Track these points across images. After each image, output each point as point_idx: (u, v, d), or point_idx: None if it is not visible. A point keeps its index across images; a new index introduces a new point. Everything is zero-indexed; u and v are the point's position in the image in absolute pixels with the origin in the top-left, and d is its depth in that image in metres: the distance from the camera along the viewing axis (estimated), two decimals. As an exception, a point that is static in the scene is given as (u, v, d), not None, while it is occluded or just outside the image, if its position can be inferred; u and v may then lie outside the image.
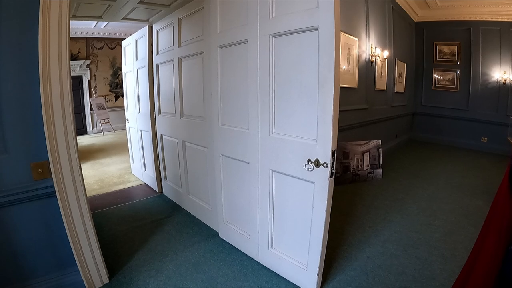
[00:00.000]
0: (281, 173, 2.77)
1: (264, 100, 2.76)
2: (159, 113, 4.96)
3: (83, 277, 2.81)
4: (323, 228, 2.48)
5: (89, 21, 10.52)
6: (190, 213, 4.54)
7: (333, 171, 2.33)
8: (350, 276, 3.06)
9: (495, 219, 1.78)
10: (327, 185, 2.35)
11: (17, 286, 2.59)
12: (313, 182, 2.45)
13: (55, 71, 2.41)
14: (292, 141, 2.58)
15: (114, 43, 13.30)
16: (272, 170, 2.84)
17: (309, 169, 2.42)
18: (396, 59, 8.41)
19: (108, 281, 3.01)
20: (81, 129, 12.80)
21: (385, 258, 3.36)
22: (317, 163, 2.36)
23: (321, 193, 2.41)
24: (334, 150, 2.29)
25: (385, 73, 7.74)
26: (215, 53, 3.28)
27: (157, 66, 4.82)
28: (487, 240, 1.77)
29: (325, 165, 2.31)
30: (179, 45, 4.16)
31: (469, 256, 1.96)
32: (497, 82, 8.61)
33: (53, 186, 2.53)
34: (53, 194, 2.56)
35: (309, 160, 2.41)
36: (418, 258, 3.33)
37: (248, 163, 3.09)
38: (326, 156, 2.31)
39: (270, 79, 2.67)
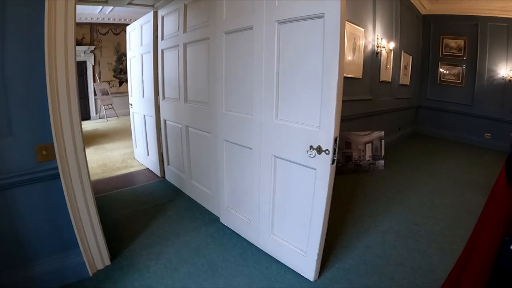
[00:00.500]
0: (283, 159, 2.78)
1: (268, 87, 2.77)
2: (163, 98, 4.97)
3: (85, 259, 2.84)
4: (323, 214, 2.50)
5: (94, 6, 10.48)
6: (192, 198, 4.57)
7: (335, 158, 2.34)
8: (348, 264, 3.09)
9: (492, 210, 1.79)
10: (329, 172, 2.36)
11: (21, 268, 2.62)
12: (315, 169, 2.47)
13: (61, 55, 2.42)
14: (295, 127, 2.60)
15: (118, 29, 13.25)
16: (275, 156, 2.85)
17: (311, 156, 2.43)
18: (402, 51, 8.36)
19: (110, 263, 3.06)
20: (84, 115, 12.81)
21: (384, 248, 3.38)
22: (319, 150, 2.37)
23: (323, 180, 2.42)
24: (337, 137, 2.30)
25: (390, 65, 7.70)
26: (220, 39, 3.28)
27: (162, 51, 4.81)
28: (484, 230, 1.78)
29: (327, 151, 2.33)
30: (185, 31, 4.15)
31: (465, 245, 1.98)
32: (503, 79, 8.55)
33: (57, 168, 2.55)
34: (57, 176, 2.58)
35: (311, 147, 2.43)
36: (417, 250, 3.36)
37: (251, 148, 3.10)
38: (328, 143, 2.32)
39: (275, 65, 2.67)
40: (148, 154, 5.98)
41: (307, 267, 2.80)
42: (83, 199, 2.75)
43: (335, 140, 2.30)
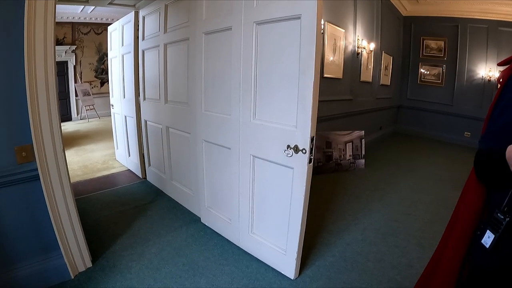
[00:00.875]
0: (261, 158, 2.81)
1: (246, 87, 2.80)
2: (144, 99, 4.95)
3: (66, 261, 2.82)
4: (301, 213, 2.53)
5: (75, 6, 10.36)
6: (173, 199, 4.57)
7: (312, 157, 2.38)
8: (329, 261, 3.13)
9: (464, 206, 1.83)
10: (306, 171, 2.40)
11: (2, 270, 2.59)
12: (292, 168, 2.51)
13: (40, 55, 2.40)
14: (272, 127, 2.63)
15: (100, 28, 13.07)
16: (253, 156, 2.88)
17: (289, 155, 2.47)
18: (383, 52, 8.47)
19: (91, 265, 3.04)
20: (66, 116, 12.64)
21: (364, 245, 3.43)
22: (296, 149, 2.41)
23: (300, 179, 2.46)
24: (313, 136, 2.34)
25: (371, 65, 7.80)
26: (200, 39, 3.30)
27: (143, 51, 4.80)
28: (455, 227, 1.82)
29: (304, 151, 2.36)
30: (165, 31, 4.15)
31: (438, 243, 2.02)
32: (482, 79, 8.75)
33: (37, 170, 2.53)
34: (36, 178, 2.56)
35: (288, 146, 2.46)
36: (396, 246, 3.42)
37: (230, 148, 3.12)
38: (305, 142, 2.36)
39: (252, 66, 2.70)
40: (129, 155, 5.95)
41: (287, 265, 2.83)
42: (63, 200, 2.73)
43: (312, 139, 2.34)
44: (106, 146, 8.09)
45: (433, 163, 6.93)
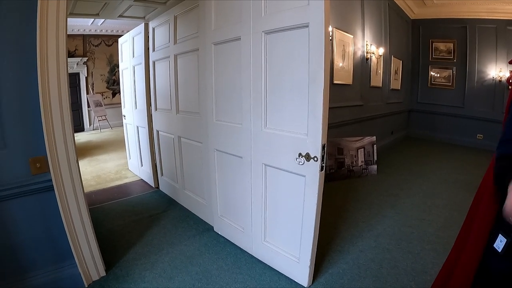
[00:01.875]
0: (273, 167, 2.82)
1: (256, 96, 2.81)
2: (156, 109, 5.00)
3: (80, 270, 2.85)
4: (314, 220, 2.53)
5: (86, 19, 10.48)
6: (186, 208, 4.59)
7: (324, 164, 2.38)
8: (342, 269, 3.11)
9: (480, 211, 1.81)
10: (318, 179, 2.40)
11: (16, 279, 2.63)
12: (304, 176, 2.51)
13: (53, 68, 2.44)
14: (283, 135, 2.64)
15: (111, 40, 13.23)
16: (265, 164, 2.89)
17: (300, 163, 2.47)
18: (392, 56, 8.44)
19: (105, 274, 3.06)
20: (78, 126, 12.78)
21: (377, 252, 3.40)
22: (307, 157, 2.41)
23: (312, 186, 2.46)
24: (324, 144, 2.35)
25: (380, 70, 7.78)
26: (209, 50, 3.33)
27: (153, 62, 4.85)
28: (471, 231, 1.80)
29: (315, 158, 2.37)
30: (175, 42, 4.19)
31: (453, 247, 1.99)
32: (493, 80, 8.64)
33: (51, 180, 2.57)
34: (51, 188, 2.60)
35: (300, 154, 2.47)
36: (410, 252, 3.38)
37: (241, 157, 3.14)
38: (316, 150, 2.36)
39: (262, 75, 2.72)
40: (141, 165, 5.99)
41: (301, 273, 2.82)
42: (77, 210, 2.76)
43: (323, 147, 2.34)
44: (119, 156, 8.15)
45: (446, 167, 6.85)
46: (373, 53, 7.06)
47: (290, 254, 2.89)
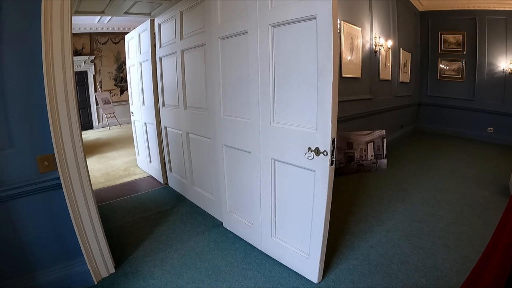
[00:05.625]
0: (282, 162, 2.79)
1: (264, 90, 2.78)
2: (163, 105, 5.00)
3: (89, 267, 2.87)
4: (324, 216, 2.50)
5: (92, 17, 10.56)
6: (195, 204, 4.59)
7: (333, 159, 2.35)
8: (352, 265, 3.08)
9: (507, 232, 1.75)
10: (328, 173, 2.37)
11: (25, 277, 2.65)
12: (314, 170, 2.48)
13: (58, 66, 2.44)
14: (292, 130, 2.60)
15: (118, 38, 13.31)
16: (274, 159, 2.86)
17: (310, 158, 2.44)
18: (401, 48, 8.35)
19: (114, 271, 3.08)
20: (87, 124, 12.89)
21: (388, 247, 3.37)
22: (317, 152, 2.38)
23: (322, 181, 2.43)
24: (334, 138, 2.31)
25: (389, 63, 7.70)
26: (216, 44, 3.30)
27: (160, 59, 4.85)
28: (504, 233, 1.75)
29: (325, 153, 2.34)
30: (181, 38, 4.17)
31: (488, 244, 1.94)
32: (503, 72, 8.50)
33: (59, 178, 2.58)
34: (59, 186, 2.61)
35: (309, 149, 2.44)
36: (421, 247, 3.34)
37: (250, 152, 3.12)
38: (326, 144, 2.33)
39: (270, 69, 2.69)
40: (150, 162, 6.01)
41: (310, 269, 2.80)
42: (86, 208, 2.77)
43: (333, 141, 2.31)
44: (127, 153, 8.19)
45: (456, 161, 6.77)
46: (382, 45, 6.99)
47: (299, 249, 2.87)
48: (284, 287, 2.80)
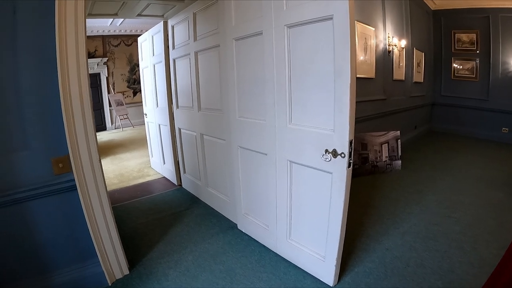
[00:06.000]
0: (298, 163, 2.76)
1: (280, 92, 2.76)
2: (177, 107, 5.01)
3: (103, 269, 2.88)
4: (341, 218, 2.47)
5: (105, 19, 10.63)
6: (209, 205, 4.59)
7: (351, 161, 2.32)
8: (368, 268, 3.05)
9: None
10: (345, 175, 2.34)
11: (40, 278, 2.67)
12: (331, 173, 2.45)
13: (73, 69, 2.46)
14: (309, 131, 2.58)
15: (130, 40, 13.42)
16: (290, 161, 2.84)
17: (327, 160, 2.41)
18: (414, 48, 8.26)
19: (128, 272, 3.09)
20: (100, 125, 12.98)
21: (403, 250, 3.33)
22: (334, 153, 2.35)
23: (339, 183, 2.40)
24: (351, 140, 2.28)
25: (403, 63, 7.62)
26: (230, 45, 3.29)
27: (174, 60, 4.86)
28: None
29: (342, 155, 2.31)
30: (195, 39, 4.17)
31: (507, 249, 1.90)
32: (518, 71, 8.40)
33: (74, 180, 2.59)
34: (73, 188, 2.62)
35: (326, 151, 2.41)
36: (437, 250, 3.29)
37: (266, 154, 3.09)
38: (343, 146, 2.30)
39: (286, 70, 2.66)
40: (164, 163, 6.02)
41: (326, 272, 2.77)
42: (101, 209, 2.78)
43: (350, 142, 2.28)
44: (141, 154, 8.22)
45: (471, 162, 6.67)
46: (395, 45, 6.92)
47: (315, 252, 2.84)
48: (299, 290, 2.78)
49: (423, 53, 8.95)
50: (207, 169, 4.49)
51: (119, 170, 6.82)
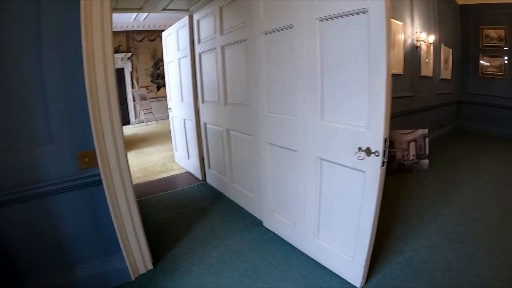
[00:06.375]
0: (329, 161, 2.68)
1: (312, 87, 2.68)
2: (203, 101, 5.00)
3: (127, 263, 2.89)
4: (372, 219, 2.40)
5: (128, 15, 10.77)
6: (234, 201, 4.56)
7: (385, 160, 2.23)
8: (395, 269, 2.96)
9: None
10: (379, 174, 2.26)
11: (64, 271, 2.70)
12: (364, 171, 2.37)
13: (99, 64, 2.46)
14: (341, 128, 2.49)
15: (153, 35, 13.61)
16: (321, 159, 2.76)
17: (360, 158, 2.33)
18: (442, 44, 8.06)
19: (152, 267, 3.09)
20: (124, 120, 13.00)
21: (431, 252, 3.23)
22: (368, 152, 2.27)
23: (372, 183, 2.32)
24: (387, 138, 2.20)
25: (431, 59, 7.45)
26: (259, 39, 3.23)
27: (200, 55, 4.84)
28: None
29: (376, 153, 2.22)
30: (221, 33, 4.13)
31: None
32: (547, 69, 8.10)
33: (99, 175, 2.60)
34: (99, 182, 2.62)
35: (359, 148, 2.32)
36: (464, 253, 3.18)
37: (296, 151, 3.02)
38: (377, 144, 2.22)
39: (318, 65, 2.58)
40: (188, 158, 6.03)
41: (354, 273, 2.71)
42: (126, 204, 2.79)
43: (385, 140, 2.20)
44: (164, 148, 8.27)
45: (499, 163, 6.43)
46: (423, 41, 6.77)
47: (343, 252, 2.77)
48: (326, 291, 2.72)
49: (451, 49, 8.73)
50: (232, 164, 4.45)
51: (143, 164, 6.87)
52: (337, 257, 2.84)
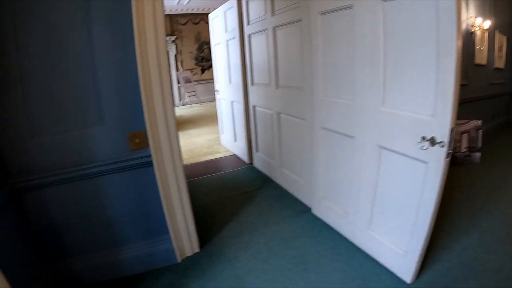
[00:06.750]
0: (389, 149, 2.55)
1: (373, 71, 2.55)
2: (252, 84, 4.95)
3: (174, 245, 2.92)
4: (431, 213, 2.28)
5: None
6: (282, 186, 4.51)
7: (450, 151, 2.10)
8: (446, 267, 2.82)
9: None
10: (442, 166, 2.14)
11: (111, 251, 2.76)
12: (426, 162, 2.24)
13: (151, 45, 2.48)
14: (404, 115, 2.36)
15: (197, 18, 13.80)
16: (380, 146, 2.63)
17: (423, 148, 2.18)
18: (496, 31, 7.62)
19: (199, 250, 3.12)
20: (168, 102, 13.43)
21: (481, 251, 3.05)
22: (432, 142, 2.13)
23: (435, 175, 2.20)
24: (453, 127, 2.06)
25: (485, 46, 7.07)
26: (315, 20, 3.11)
27: (249, 36, 4.78)
28: None
29: (441, 144, 2.08)
30: (272, 14, 4.04)
31: None
32: None
33: (150, 156, 2.62)
34: (149, 164, 2.65)
35: (423, 138, 2.18)
36: (516, 256, 2.99)
37: (353, 137, 2.90)
38: (443, 134, 2.07)
39: (380, 47, 2.44)
40: (235, 140, 6.04)
41: (405, 268, 2.60)
42: (176, 186, 2.81)
43: (452, 130, 2.05)
44: (210, 130, 8.36)
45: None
46: (479, 26, 6.42)
47: (396, 246, 2.66)
48: (375, 284, 2.62)
49: (506, 37, 8.24)
50: (282, 148, 4.39)
51: (188, 146, 6.95)
52: (388, 250, 2.73)
